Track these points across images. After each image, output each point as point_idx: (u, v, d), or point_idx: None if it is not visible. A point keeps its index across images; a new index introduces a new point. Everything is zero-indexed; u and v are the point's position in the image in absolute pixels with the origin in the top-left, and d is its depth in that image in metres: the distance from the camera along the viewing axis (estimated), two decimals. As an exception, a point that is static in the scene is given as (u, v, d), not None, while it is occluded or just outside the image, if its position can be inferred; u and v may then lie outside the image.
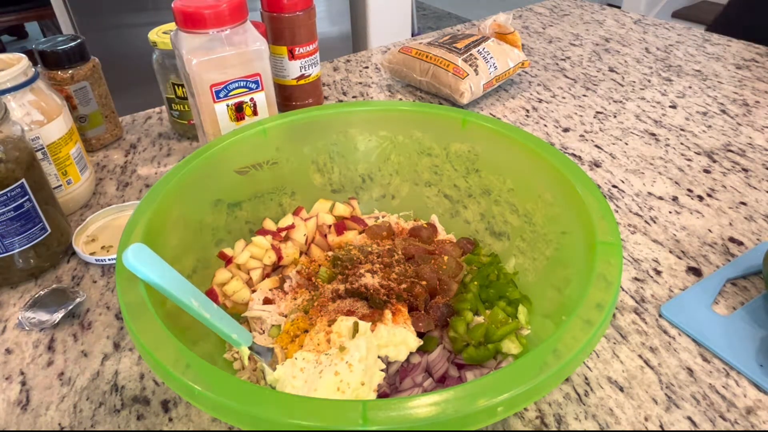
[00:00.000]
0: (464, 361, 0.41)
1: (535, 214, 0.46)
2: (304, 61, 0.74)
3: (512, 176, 0.49)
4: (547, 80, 0.90)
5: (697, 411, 0.40)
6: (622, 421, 0.40)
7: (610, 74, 0.92)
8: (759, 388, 0.42)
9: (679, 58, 0.97)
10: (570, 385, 0.42)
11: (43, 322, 0.48)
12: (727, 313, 0.48)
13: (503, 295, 0.45)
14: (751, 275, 0.52)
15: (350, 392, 0.35)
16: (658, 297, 0.50)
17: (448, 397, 0.27)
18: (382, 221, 0.54)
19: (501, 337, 0.42)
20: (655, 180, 0.66)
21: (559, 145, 0.73)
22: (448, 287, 0.46)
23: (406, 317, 0.42)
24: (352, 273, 0.45)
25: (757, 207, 0.61)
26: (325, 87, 0.91)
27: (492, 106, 0.83)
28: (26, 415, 0.41)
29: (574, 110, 0.81)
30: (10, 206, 0.49)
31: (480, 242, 0.52)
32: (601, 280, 0.33)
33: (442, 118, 0.52)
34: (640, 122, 0.78)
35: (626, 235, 0.57)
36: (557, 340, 0.30)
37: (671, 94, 0.85)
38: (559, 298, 0.40)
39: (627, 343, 0.46)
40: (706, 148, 0.72)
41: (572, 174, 0.42)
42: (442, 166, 0.54)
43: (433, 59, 0.83)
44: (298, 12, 0.70)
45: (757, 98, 0.83)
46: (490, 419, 0.27)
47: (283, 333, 0.43)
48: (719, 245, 0.56)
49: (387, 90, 0.89)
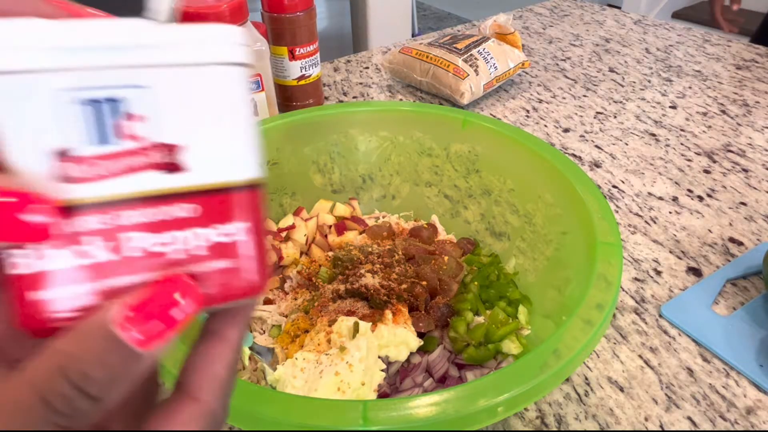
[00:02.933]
0: (464, 361, 0.41)
1: (535, 215, 0.46)
2: (305, 61, 0.74)
3: (512, 176, 0.49)
4: (547, 81, 0.90)
5: (697, 411, 0.40)
6: (622, 421, 0.40)
7: (611, 75, 0.92)
8: (759, 388, 0.42)
9: (679, 59, 0.97)
10: (570, 385, 0.42)
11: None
12: (727, 313, 0.48)
13: (503, 295, 0.45)
14: (751, 275, 0.52)
15: (350, 392, 0.35)
16: (658, 297, 0.50)
17: (448, 397, 0.27)
18: (383, 221, 0.54)
19: (501, 338, 0.42)
20: (655, 180, 0.66)
21: (560, 146, 0.73)
22: (449, 287, 0.46)
23: (406, 317, 0.42)
24: (352, 273, 0.45)
25: (757, 207, 0.61)
26: (325, 87, 0.91)
27: (492, 106, 0.83)
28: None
29: (575, 111, 0.81)
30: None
31: (480, 242, 0.52)
32: (601, 281, 0.33)
33: (442, 118, 0.52)
34: (640, 122, 0.78)
35: (626, 235, 0.57)
36: (557, 340, 0.30)
37: (671, 94, 0.85)
38: (560, 298, 0.40)
39: (627, 343, 0.46)
40: (706, 149, 0.72)
41: (572, 174, 0.42)
42: (443, 167, 0.54)
43: (433, 60, 0.83)
44: (299, 12, 0.70)
45: (757, 98, 0.83)
46: (491, 419, 0.27)
47: (283, 333, 0.43)
48: (719, 245, 0.56)
49: (387, 90, 0.89)
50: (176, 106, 0.17)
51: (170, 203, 0.17)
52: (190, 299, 0.16)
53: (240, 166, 0.18)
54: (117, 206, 0.16)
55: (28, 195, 0.15)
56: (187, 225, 0.17)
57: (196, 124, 0.17)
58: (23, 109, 0.15)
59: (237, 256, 0.17)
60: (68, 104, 0.15)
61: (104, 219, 0.16)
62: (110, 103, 0.16)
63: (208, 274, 0.17)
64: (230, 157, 0.17)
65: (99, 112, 0.16)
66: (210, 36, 0.17)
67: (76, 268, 0.16)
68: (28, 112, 0.15)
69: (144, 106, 0.16)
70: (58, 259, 0.16)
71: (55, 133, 0.15)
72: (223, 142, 0.17)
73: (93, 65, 0.16)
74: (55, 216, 0.15)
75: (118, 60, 0.16)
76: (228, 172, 0.17)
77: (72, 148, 0.16)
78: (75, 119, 0.16)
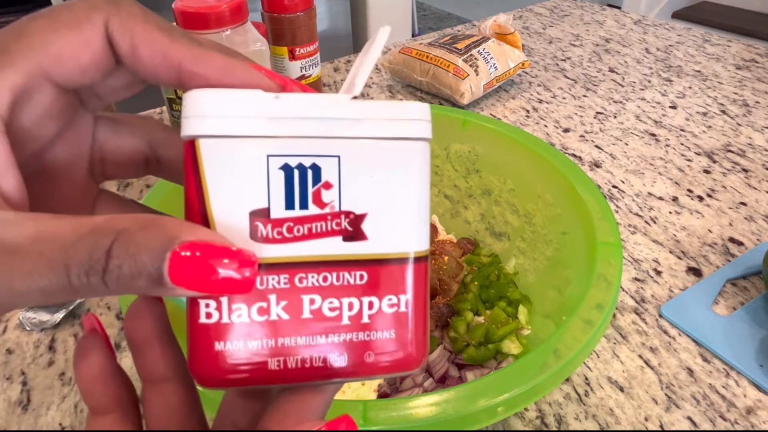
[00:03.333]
0: (465, 361, 0.41)
1: (535, 215, 0.46)
2: (305, 61, 0.74)
3: (512, 176, 0.49)
4: (547, 81, 0.90)
5: (697, 411, 0.40)
6: (622, 421, 0.40)
7: (611, 75, 0.92)
8: (759, 388, 0.42)
9: (679, 59, 0.97)
10: (570, 385, 0.42)
11: (44, 322, 0.48)
12: (727, 313, 0.48)
13: (503, 295, 0.45)
14: (751, 275, 0.52)
15: (350, 392, 0.35)
16: (658, 297, 0.50)
17: (448, 397, 0.27)
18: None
19: (501, 338, 0.42)
20: (655, 180, 0.66)
21: (560, 146, 0.73)
22: (449, 287, 0.46)
23: (406, 317, 0.42)
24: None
25: (757, 207, 0.61)
26: (325, 87, 0.91)
27: (492, 106, 0.83)
28: (27, 415, 0.41)
29: (575, 111, 0.81)
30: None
31: (480, 242, 0.52)
32: (601, 281, 0.33)
33: (442, 118, 0.52)
34: (640, 123, 0.78)
35: (626, 235, 0.57)
36: (557, 340, 0.30)
37: (671, 94, 0.85)
38: (560, 298, 0.40)
39: (627, 343, 0.46)
40: (706, 149, 0.72)
41: (572, 174, 0.42)
42: (443, 167, 0.54)
43: (433, 60, 0.83)
44: (299, 12, 0.70)
45: (757, 98, 0.83)
46: (491, 419, 0.27)
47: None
48: (719, 245, 0.56)
49: (387, 90, 0.89)
50: (362, 177, 0.17)
51: (346, 270, 0.17)
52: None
53: (414, 238, 0.18)
54: (299, 268, 0.17)
55: (239, 251, 0.15)
56: (358, 293, 0.17)
57: (376, 196, 0.18)
58: (235, 170, 0.17)
59: (401, 328, 0.18)
60: (274, 169, 0.17)
61: (286, 279, 0.17)
62: (306, 169, 0.17)
63: (372, 342, 0.18)
64: (407, 229, 0.18)
65: (297, 178, 0.17)
66: (400, 111, 0.18)
67: (257, 324, 0.17)
68: (239, 174, 0.17)
69: (335, 174, 0.17)
70: (244, 314, 0.17)
71: (259, 194, 0.17)
72: (402, 214, 0.18)
73: (298, 134, 0.17)
74: (257, 272, 0.16)
75: (319, 130, 0.17)
76: (403, 244, 0.18)
77: (270, 209, 0.17)
78: (277, 183, 0.17)
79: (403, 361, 0.18)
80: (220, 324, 0.17)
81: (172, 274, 0.14)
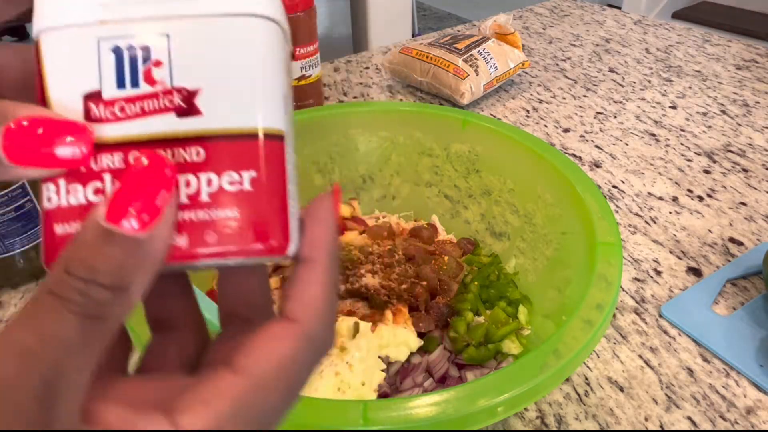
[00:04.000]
0: (465, 361, 0.41)
1: (535, 215, 0.46)
2: (305, 61, 0.74)
3: (512, 177, 0.49)
4: (547, 81, 0.90)
5: (697, 411, 0.40)
6: (622, 421, 0.40)
7: (611, 75, 0.92)
8: (759, 389, 0.42)
9: (679, 59, 0.97)
10: (570, 385, 0.42)
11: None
12: (727, 313, 0.48)
13: (503, 295, 0.45)
14: (751, 275, 0.52)
15: (351, 392, 0.36)
16: (658, 297, 0.50)
17: (448, 397, 0.27)
18: (383, 222, 0.54)
19: (501, 338, 0.42)
20: (655, 180, 0.66)
21: (560, 146, 0.73)
22: (449, 287, 0.46)
23: (406, 317, 0.42)
24: (352, 273, 0.45)
25: (757, 207, 0.61)
26: (325, 87, 0.91)
27: (492, 106, 0.83)
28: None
29: (575, 111, 0.81)
30: (11, 206, 0.49)
31: (480, 242, 0.52)
32: (601, 281, 0.33)
33: (442, 118, 0.52)
34: (640, 123, 0.78)
35: (626, 235, 0.57)
36: (557, 340, 0.30)
37: (671, 94, 0.85)
38: (560, 298, 0.40)
39: (627, 343, 0.46)
40: (706, 149, 0.72)
41: (572, 174, 0.42)
42: (443, 167, 0.54)
43: (433, 60, 0.83)
44: (299, 12, 0.70)
45: (757, 99, 0.83)
46: (491, 419, 0.27)
47: (283, 333, 0.43)
48: (719, 245, 0.56)
49: (387, 90, 0.89)
50: (194, 54, 0.18)
51: (181, 146, 0.17)
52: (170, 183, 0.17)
53: (260, 115, 0.18)
54: (133, 146, 0.17)
55: (72, 122, 0.16)
56: (195, 170, 0.17)
57: (211, 72, 0.18)
58: (69, 57, 0.17)
59: (246, 207, 0.17)
60: (105, 51, 0.17)
61: (121, 158, 0.17)
62: (136, 49, 0.17)
63: (213, 222, 0.17)
64: (248, 106, 0.18)
65: (127, 59, 0.17)
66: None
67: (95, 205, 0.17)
68: (73, 60, 0.17)
69: (164, 53, 0.17)
70: (80, 195, 0.17)
71: (91, 77, 0.17)
72: (242, 91, 0.18)
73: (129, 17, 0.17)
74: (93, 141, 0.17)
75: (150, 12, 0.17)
76: (244, 120, 0.17)
77: (102, 91, 0.17)
78: (108, 65, 0.17)
79: (257, 243, 0.17)
80: (60, 207, 0.17)
81: (7, 150, 0.15)
